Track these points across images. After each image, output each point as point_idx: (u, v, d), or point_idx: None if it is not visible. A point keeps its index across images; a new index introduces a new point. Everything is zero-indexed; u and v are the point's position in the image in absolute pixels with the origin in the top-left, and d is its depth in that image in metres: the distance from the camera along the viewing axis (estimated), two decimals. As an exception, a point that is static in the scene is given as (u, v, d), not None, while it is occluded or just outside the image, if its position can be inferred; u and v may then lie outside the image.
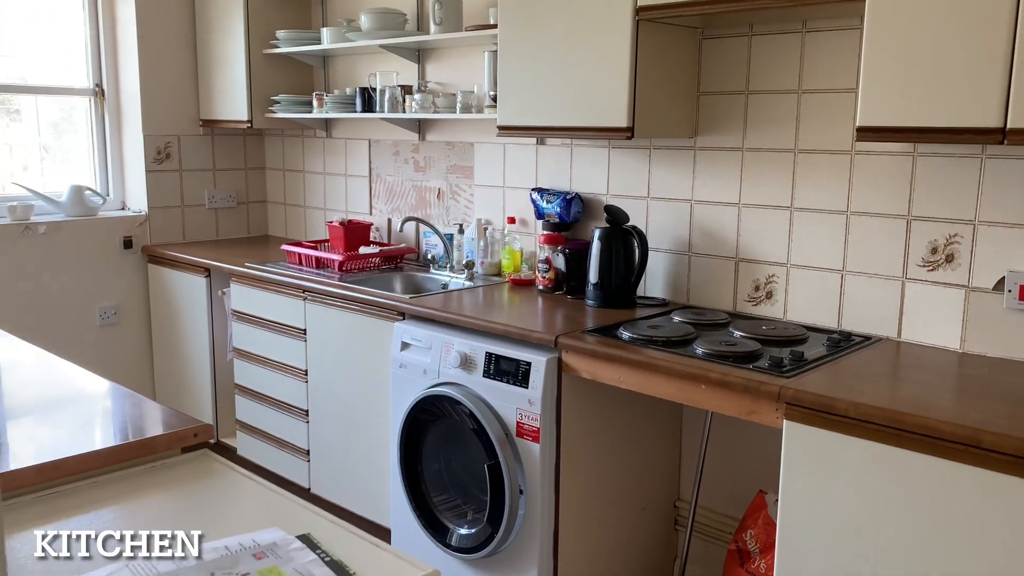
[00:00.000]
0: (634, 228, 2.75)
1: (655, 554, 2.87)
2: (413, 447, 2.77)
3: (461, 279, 3.26)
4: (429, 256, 3.53)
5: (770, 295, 2.63)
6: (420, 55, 3.54)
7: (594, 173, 3.03)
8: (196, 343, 3.83)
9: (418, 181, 3.68)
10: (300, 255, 3.53)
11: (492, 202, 3.39)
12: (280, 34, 3.77)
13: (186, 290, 3.84)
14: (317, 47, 3.67)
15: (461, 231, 3.42)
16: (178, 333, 3.93)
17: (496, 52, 2.85)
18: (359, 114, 3.55)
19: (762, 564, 2.41)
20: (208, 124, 4.11)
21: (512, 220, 3.28)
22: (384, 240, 3.83)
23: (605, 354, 2.31)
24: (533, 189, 3.16)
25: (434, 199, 3.63)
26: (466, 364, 2.58)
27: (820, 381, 2.00)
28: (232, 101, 3.93)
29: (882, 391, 1.95)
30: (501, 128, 2.83)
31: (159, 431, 1.60)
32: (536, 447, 2.44)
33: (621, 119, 2.50)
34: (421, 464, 2.77)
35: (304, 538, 1.25)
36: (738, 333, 2.40)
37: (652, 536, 2.86)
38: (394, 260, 3.59)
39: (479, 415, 2.51)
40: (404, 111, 3.39)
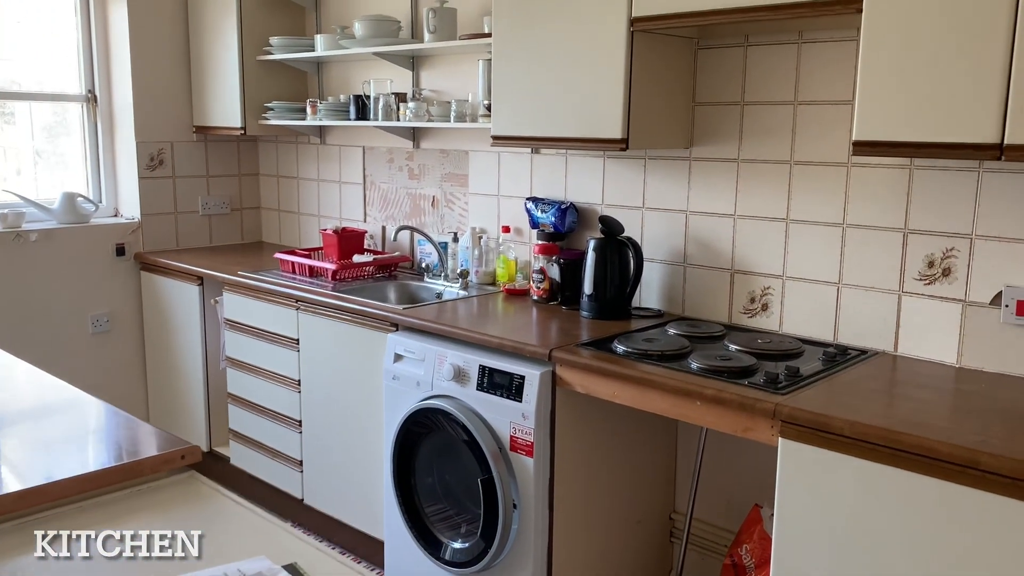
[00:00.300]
0: (629, 239, 2.73)
1: (650, 567, 2.85)
2: (406, 460, 2.75)
3: (455, 288, 3.24)
4: (423, 265, 3.51)
5: (766, 307, 2.61)
6: (414, 62, 3.51)
7: (589, 182, 3.01)
8: (189, 351, 3.81)
9: (412, 189, 3.66)
10: (293, 263, 3.51)
11: (487, 210, 3.37)
12: (274, 40, 3.74)
13: (179, 298, 3.82)
14: (311, 54, 3.65)
15: (456, 239, 3.39)
16: (171, 341, 3.91)
17: (490, 61, 2.83)
18: (353, 122, 3.52)
19: (757, 579, 2.39)
20: (201, 130, 4.09)
21: (507, 229, 3.25)
22: (378, 248, 3.81)
23: (599, 368, 2.29)
24: (528, 198, 3.14)
25: (428, 207, 3.60)
26: (460, 377, 2.56)
27: (816, 398, 1.98)
28: (225, 107, 3.90)
29: (878, 408, 1.94)
30: (495, 138, 2.81)
31: (146, 453, 1.58)
32: (530, 461, 2.42)
33: (616, 130, 2.48)
34: (414, 477, 2.75)
35: (291, 568, 1.23)
36: (733, 347, 2.38)
37: (647, 549, 2.84)
38: (388, 268, 3.56)
39: (472, 429, 2.48)
40: (398, 119, 3.36)
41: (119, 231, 3.97)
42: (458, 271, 3.29)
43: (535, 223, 3.09)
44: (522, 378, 2.42)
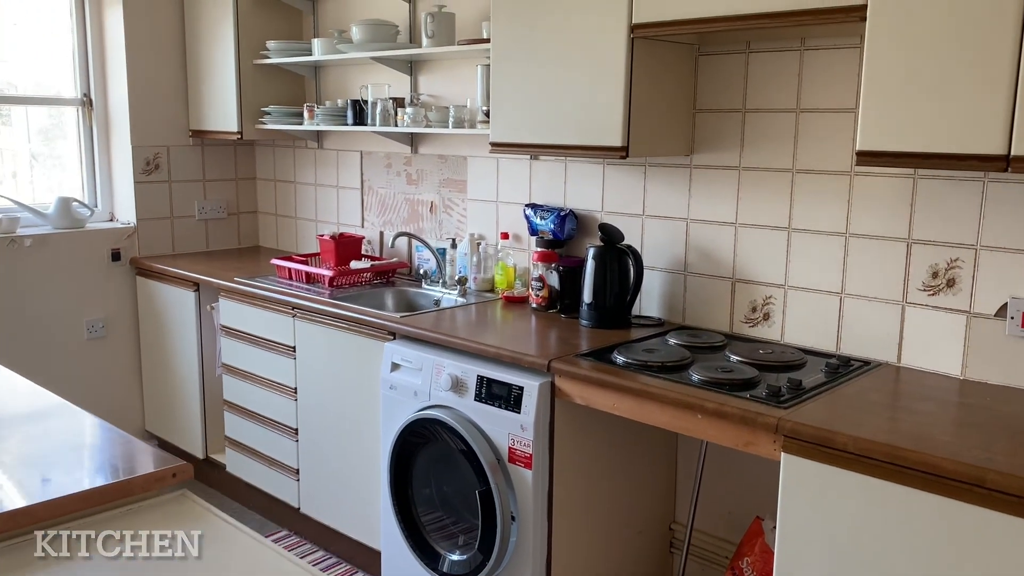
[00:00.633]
0: (629, 247, 2.70)
1: (650, 578, 2.83)
2: (403, 470, 2.72)
3: (454, 295, 3.21)
4: (421, 271, 3.48)
5: (767, 317, 2.58)
6: (412, 67, 3.48)
7: (589, 189, 2.98)
8: (185, 358, 3.78)
9: (410, 194, 3.63)
10: (290, 270, 3.48)
11: (485, 217, 3.34)
12: (271, 44, 3.71)
13: (175, 304, 3.78)
14: (308, 58, 3.61)
15: (454, 246, 3.36)
16: (167, 347, 3.87)
17: (489, 66, 2.80)
18: (350, 127, 3.49)
19: (759, 593, 2.37)
20: (198, 135, 4.05)
21: (505, 236, 3.22)
22: (376, 254, 3.78)
23: (599, 380, 2.26)
24: (527, 205, 3.11)
25: (427, 212, 3.57)
26: (457, 387, 2.53)
27: (818, 412, 1.95)
28: (222, 112, 3.87)
29: (882, 423, 1.91)
30: (494, 145, 2.78)
31: (137, 471, 1.54)
32: (528, 473, 2.39)
33: (616, 138, 2.45)
34: (412, 488, 2.72)
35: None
36: (735, 358, 2.35)
37: (647, 560, 2.81)
38: (386, 275, 3.53)
39: (470, 440, 2.45)
40: (396, 124, 3.33)
41: (115, 236, 3.94)
42: (456, 278, 3.26)
43: (534, 230, 3.06)
44: (520, 389, 2.39)
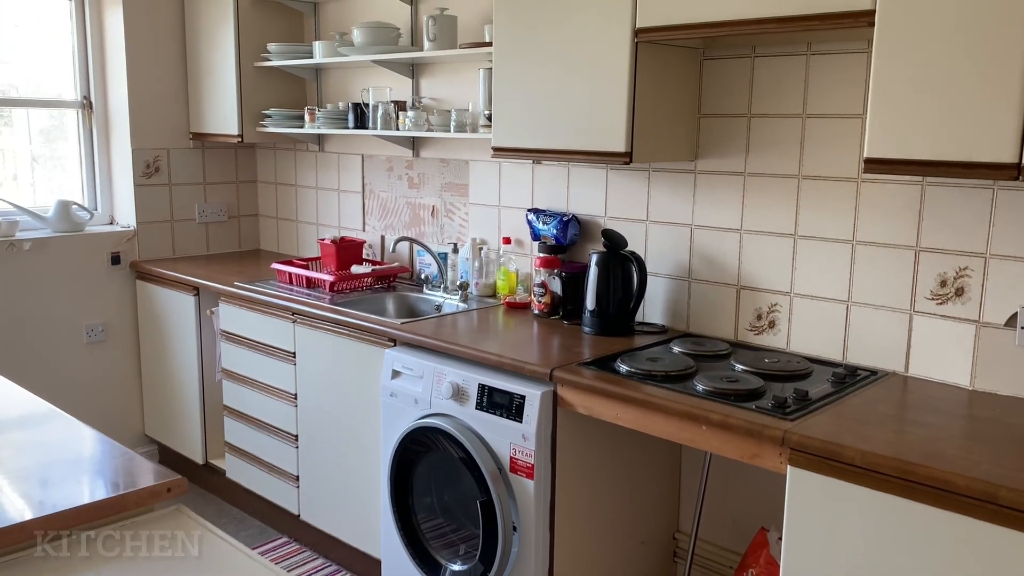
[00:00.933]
0: (632, 254, 2.67)
1: (653, 588, 2.79)
2: (404, 479, 2.69)
3: (455, 300, 3.18)
4: (423, 276, 3.45)
5: (773, 324, 2.55)
6: (414, 70, 3.45)
7: (592, 194, 2.95)
8: (185, 363, 3.75)
9: (412, 198, 3.60)
10: (291, 274, 3.45)
11: (487, 221, 3.31)
12: (271, 47, 3.68)
13: (174, 308, 3.76)
14: (309, 61, 3.58)
15: (456, 250, 3.33)
16: (167, 352, 3.85)
17: (491, 70, 2.77)
18: (351, 131, 3.46)
19: (764, 606, 2.33)
20: (198, 137, 4.03)
21: (508, 240, 3.19)
22: (377, 258, 3.75)
23: (602, 390, 2.23)
24: (529, 210, 3.08)
25: (428, 216, 3.54)
26: (458, 395, 2.50)
27: (825, 424, 1.91)
28: (222, 114, 3.84)
29: (890, 436, 1.87)
30: (496, 149, 2.75)
31: (131, 486, 1.51)
32: (530, 484, 2.35)
33: (619, 143, 2.41)
34: (412, 497, 2.69)
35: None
36: (740, 366, 2.32)
37: (650, 570, 2.78)
38: (387, 280, 3.50)
39: (471, 449, 2.42)
40: (397, 128, 3.30)
41: (114, 239, 3.91)
42: (458, 283, 3.23)
43: (536, 235, 3.03)
44: (522, 398, 2.35)
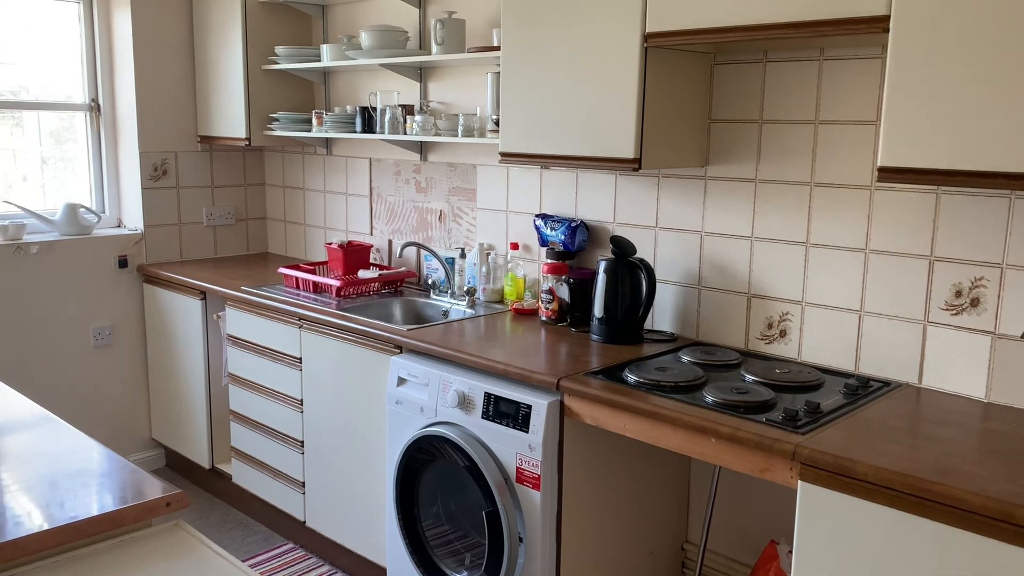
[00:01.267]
0: (641, 261, 2.64)
1: (661, 599, 2.76)
2: (409, 487, 2.66)
3: (462, 306, 3.15)
4: (430, 281, 3.43)
5: (784, 334, 2.51)
6: (422, 73, 3.43)
7: (600, 200, 2.91)
8: (191, 367, 3.74)
9: (419, 202, 3.57)
10: (298, 279, 3.43)
11: (495, 226, 3.28)
12: (279, 50, 3.66)
13: (181, 312, 3.74)
14: (317, 64, 3.56)
15: (463, 256, 3.31)
16: (173, 355, 3.84)
17: (499, 74, 2.74)
18: (359, 135, 3.44)
19: (773, 620, 2.30)
20: (206, 140, 4.01)
21: (515, 246, 3.16)
22: (385, 262, 3.72)
23: (610, 400, 2.19)
24: (537, 215, 3.05)
25: (435, 221, 3.52)
26: (464, 404, 2.47)
27: (837, 438, 1.88)
28: (230, 118, 3.83)
29: (903, 451, 1.83)
30: (503, 155, 2.72)
31: (128, 501, 1.49)
32: (536, 495, 2.32)
33: (628, 150, 2.38)
34: (418, 505, 2.66)
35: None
36: (750, 377, 2.28)
37: (658, 581, 2.74)
38: (394, 284, 3.48)
39: (477, 459, 2.39)
40: (405, 132, 3.28)
41: (122, 242, 3.90)
42: (465, 288, 3.21)
43: (544, 241, 3.00)
44: (529, 408, 2.32)
